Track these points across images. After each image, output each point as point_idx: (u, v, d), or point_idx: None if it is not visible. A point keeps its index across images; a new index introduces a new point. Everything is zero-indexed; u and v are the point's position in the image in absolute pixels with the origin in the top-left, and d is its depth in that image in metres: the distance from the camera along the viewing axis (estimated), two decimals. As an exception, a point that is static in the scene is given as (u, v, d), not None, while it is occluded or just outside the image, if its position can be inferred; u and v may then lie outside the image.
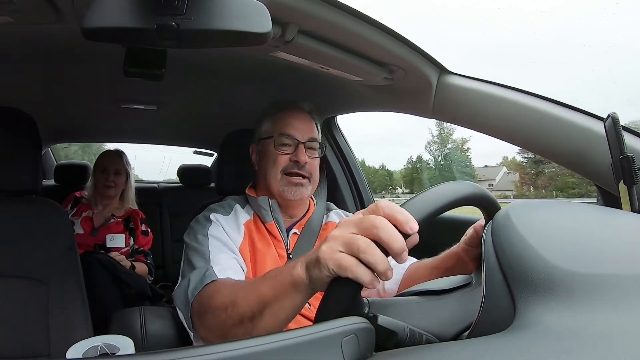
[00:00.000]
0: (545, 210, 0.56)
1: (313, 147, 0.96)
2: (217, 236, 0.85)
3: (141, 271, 1.83)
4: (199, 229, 0.88)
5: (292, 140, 0.94)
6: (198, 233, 0.86)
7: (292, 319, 0.57)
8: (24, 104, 1.09)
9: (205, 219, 0.89)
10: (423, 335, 0.49)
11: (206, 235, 0.85)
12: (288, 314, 0.55)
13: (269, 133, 0.97)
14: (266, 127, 0.98)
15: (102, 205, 1.93)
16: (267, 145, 0.96)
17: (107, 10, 0.41)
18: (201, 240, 0.85)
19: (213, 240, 0.84)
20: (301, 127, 0.95)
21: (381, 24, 0.80)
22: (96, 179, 1.94)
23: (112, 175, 1.92)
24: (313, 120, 0.99)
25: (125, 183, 1.98)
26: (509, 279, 0.43)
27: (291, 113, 0.97)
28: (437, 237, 0.96)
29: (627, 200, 0.67)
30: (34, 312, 0.95)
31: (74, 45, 0.95)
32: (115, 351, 0.55)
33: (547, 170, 15.94)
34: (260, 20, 0.44)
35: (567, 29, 44.25)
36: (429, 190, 0.50)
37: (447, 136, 20.50)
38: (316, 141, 0.97)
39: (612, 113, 0.67)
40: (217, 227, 0.87)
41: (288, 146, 0.94)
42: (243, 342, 0.34)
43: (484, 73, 1.05)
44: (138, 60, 0.47)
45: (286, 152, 0.93)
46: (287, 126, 0.95)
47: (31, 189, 1.02)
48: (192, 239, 0.86)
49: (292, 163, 0.93)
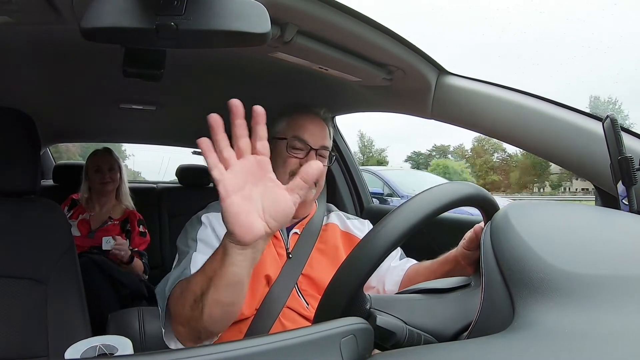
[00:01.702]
0: (544, 210, 0.56)
1: (323, 155, 0.97)
2: (205, 240, 0.86)
3: (137, 266, 1.83)
4: (189, 232, 0.88)
5: (304, 145, 0.94)
6: (188, 237, 0.87)
7: (235, 288, 0.60)
8: (22, 104, 1.09)
9: (197, 221, 0.90)
10: (422, 336, 0.49)
11: (195, 239, 0.86)
12: (229, 281, 0.58)
13: (282, 133, 0.96)
14: (280, 126, 0.98)
15: (99, 205, 1.93)
16: (279, 145, 0.95)
17: (106, 11, 0.41)
18: (190, 245, 0.85)
19: (200, 245, 0.85)
20: (315, 132, 0.95)
21: (380, 25, 0.80)
22: (90, 180, 1.95)
23: (107, 172, 1.94)
24: (327, 127, 0.99)
25: (120, 178, 2.00)
26: (507, 279, 0.44)
27: (307, 117, 0.97)
28: (437, 238, 0.97)
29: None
30: (32, 312, 0.95)
31: (72, 46, 0.95)
32: (114, 351, 0.55)
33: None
34: (259, 21, 0.44)
35: (566, 28, 44.34)
36: (428, 190, 0.50)
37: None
38: (327, 150, 0.97)
39: (610, 114, 0.67)
40: (206, 229, 0.88)
41: (300, 150, 0.94)
42: (243, 342, 0.34)
43: (484, 73, 1.06)
44: (137, 61, 0.47)
45: (297, 156, 0.93)
46: (301, 130, 0.95)
47: (30, 189, 1.02)
48: (183, 243, 0.88)
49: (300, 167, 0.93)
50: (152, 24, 0.41)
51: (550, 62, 26.91)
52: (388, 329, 0.47)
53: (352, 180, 1.78)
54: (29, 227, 1.01)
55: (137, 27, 0.41)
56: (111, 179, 1.94)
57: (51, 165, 2.60)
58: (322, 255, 0.95)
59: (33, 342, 0.93)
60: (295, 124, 0.96)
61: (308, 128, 0.95)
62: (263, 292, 0.87)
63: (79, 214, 1.91)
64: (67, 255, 1.03)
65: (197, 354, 0.32)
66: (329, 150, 0.98)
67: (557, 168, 18.74)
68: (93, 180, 1.94)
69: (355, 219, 1.07)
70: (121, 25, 0.41)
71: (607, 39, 36.62)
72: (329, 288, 0.47)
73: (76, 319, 0.99)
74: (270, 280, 0.88)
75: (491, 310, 0.45)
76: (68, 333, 0.95)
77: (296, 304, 0.88)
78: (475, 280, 0.57)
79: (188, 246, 0.85)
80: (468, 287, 0.56)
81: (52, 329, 0.95)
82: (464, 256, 0.74)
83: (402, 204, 0.49)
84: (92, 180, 1.94)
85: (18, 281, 0.95)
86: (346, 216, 1.07)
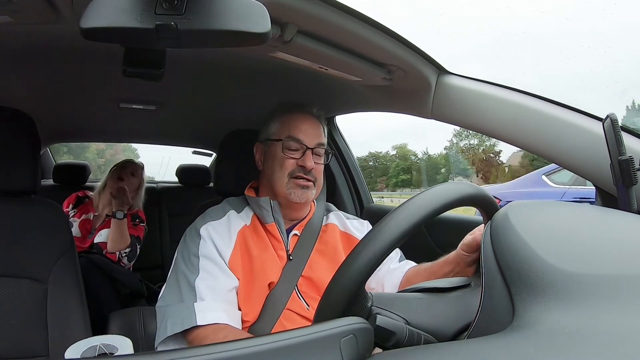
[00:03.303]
0: (544, 210, 0.56)
1: (320, 153, 0.97)
2: (207, 255, 0.86)
3: (125, 231, 1.83)
4: (190, 247, 0.89)
5: (300, 145, 0.94)
6: (190, 253, 0.87)
7: None
8: (22, 103, 1.09)
9: (196, 234, 0.90)
10: (422, 336, 0.49)
11: (197, 255, 0.86)
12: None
13: (276, 135, 0.96)
14: (274, 128, 0.98)
15: (102, 205, 1.92)
16: (275, 147, 0.95)
17: (105, 10, 0.41)
18: (192, 261, 0.86)
19: (203, 261, 0.85)
20: (310, 131, 0.95)
21: (380, 24, 0.80)
22: (110, 180, 1.94)
23: (128, 174, 1.96)
24: (321, 124, 0.99)
25: (137, 190, 2.01)
26: (507, 279, 0.43)
27: (300, 117, 0.97)
28: (437, 238, 0.97)
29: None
30: (32, 312, 0.95)
31: (72, 45, 0.95)
32: (114, 351, 0.55)
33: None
34: (259, 20, 0.43)
35: (566, 28, 44.26)
36: (428, 190, 0.50)
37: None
38: (323, 147, 0.97)
39: (610, 114, 0.67)
40: (206, 243, 0.88)
41: (295, 150, 0.94)
42: (243, 342, 0.34)
43: (483, 73, 1.05)
44: (137, 60, 0.47)
45: (294, 156, 0.93)
46: (295, 130, 0.94)
47: (30, 189, 1.02)
48: (184, 256, 0.88)
49: (298, 167, 0.93)
50: (152, 24, 0.41)
51: (550, 62, 27.00)
52: (388, 328, 0.47)
53: (352, 180, 1.78)
54: (29, 226, 1.01)
55: (137, 27, 0.41)
56: (127, 177, 1.96)
57: (51, 165, 2.60)
58: (322, 257, 0.95)
59: (33, 341, 0.93)
60: (289, 124, 0.96)
61: (302, 127, 0.95)
62: (264, 296, 0.87)
63: (83, 213, 1.90)
64: (67, 255, 1.03)
65: (197, 353, 0.32)
66: (325, 147, 0.98)
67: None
68: (111, 182, 1.93)
69: (355, 219, 1.06)
70: (121, 25, 0.41)
71: (606, 38, 36.59)
72: (328, 288, 0.47)
73: (76, 318, 0.99)
74: (272, 284, 0.88)
75: (491, 310, 0.45)
76: (68, 332, 0.96)
77: (296, 305, 0.88)
78: (475, 280, 0.57)
79: (191, 263, 0.86)
80: (468, 286, 0.56)
81: (52, 329, 0.95)
82: (464, 258, 0.74)
83: (403, 204, 0.49)
84: (110, 182, 1.93)
85: (18, 281, 0.95)
86: (345, 216, 1.07)
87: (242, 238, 0.91)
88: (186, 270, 0.85)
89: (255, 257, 0.89)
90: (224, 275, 0.85)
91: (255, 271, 0.88)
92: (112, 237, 1.80)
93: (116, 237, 1.80)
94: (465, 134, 22.04)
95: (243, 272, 0.87)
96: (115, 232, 1.80)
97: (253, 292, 0.86)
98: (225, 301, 0.83)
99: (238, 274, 0.86)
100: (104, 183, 1.97)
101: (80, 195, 1.97)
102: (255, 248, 0.90)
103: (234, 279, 0.85)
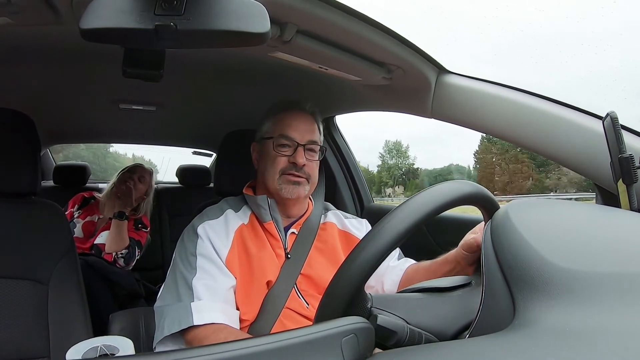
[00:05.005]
0: (544, 209, 0.56)
1: (312, 150, 0.96)
2: (204, 254, 0.86)
3: (123, 230, 1.81)
4: (188, 246, 0.89)
5: (291, 142, 0.93)
6: (188, 252, 0.88)
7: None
8: (22, 105, 1.09)
9: (193, 233, 0.90)
10: (423, 335, 0.49)
11: (194, 254, 0.86)
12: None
13: (269, 133, 0.96)
14: (267, 126, 0.98)
15: (108, 208, 1.89)
16: (267, 145, 0.96)
17: (105, 11, 0.41)
18: (190, 260, 0.86)
19: (201, 260, 0.85)
20: (301, 128, 0.95)
21: (380, 24, 0.80)
22: (118, 183, 1.92)
23: (136, 179, 1.93)
24: (315, 121, 0.99)
25: (144, 195, 1.99)
26: (508, 277, 0.43)
27: (292, 114, 0.97)
28: (437, 237, 0.96)
29: (626, 199, 0.67)
30: (33, 313, 0.95)
31: (72, 46, 0.95)
32: (115, 352, 0.55)
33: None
34: (258, 20, 0.43)
35: (565, 28, 44.15)
36: (429, 189, 0.50)
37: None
38: (316, 144, 0.96)
39: (610, 112, 0.67)
40: (204, 242, 0.88)
41: (287, 147, 0.93)
42: (243, 342, 0.34)
43: (483, 73, 1.05)
44: (137, 61, 0.47)
45: (285, 153, 0.93)
46: (287, 127, 0.94)
47: (30, 190, 1.02)
48: (182, 256, 0.88)
49: (290, 164, 0.92)
50: (152, 25, 0.41)
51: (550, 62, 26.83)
52: (389, 328, 0.47)
53: (352, 179, 1.78)
54: (30, 228, 1.01)
55: (137, 28, 0.41)
56: (133, 182, 1.93)
57: (51, 166, 2.61)
58: (321, 255, 0.95)
59: (34, 342, 0.93)
60: (281, 122, 0.95)
61: (293, 124, 0.95)
62: (263, 295, 0.87)
63: (88, 215, 1.88)
64: (68, 256, 1.03)
65: (197, 354, 0.32)
66: (318, 144, 0.97)
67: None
68: (119, 185, 1.91)
69: (354, 218, 1.06)
70: (120, 26, 0.41)
71: (606, 37, 36.51)
72: (330, 287, 0.47)
73: (77, 319, 0.99)
74: (270, 283, 0.88)
75: (492, 308, 0.45)
76: (69, 333, 0.96)
77: (296, 304, 0.88)
78: (476, 279, 0.57)
79: (188, 262, 0.86)
80: (469, 285, 0.56)
81: (53, 330, 0.95)
82: (463, 257, 0.74)
83: (403, 203, 0.49)
84: (118, 185, 1.91)
85: (19, 282, 0.95)
86: (344, 215, 1.06)
87: (239, 237, 0.91)
88: (184, 270, 0.85)
89: (253, 256, 0.89)
90: (222, 274, 0.85)
91: (253, 270, 0.88)
92: (110, 236, 1.78)
93: (114, 237, 1.78)
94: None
95: (241, 271, 0.87)
96: (114, 232, 1.79)
97: (251, 291, 0.86)
98: (223, 301, 0.83)
99: (235, 272, 0.86)
100: (111, 186, 1.94)
101: (86, 196, 1.95)
102: (253, 246, 0.90)
103: (232, 277, 0.85)
